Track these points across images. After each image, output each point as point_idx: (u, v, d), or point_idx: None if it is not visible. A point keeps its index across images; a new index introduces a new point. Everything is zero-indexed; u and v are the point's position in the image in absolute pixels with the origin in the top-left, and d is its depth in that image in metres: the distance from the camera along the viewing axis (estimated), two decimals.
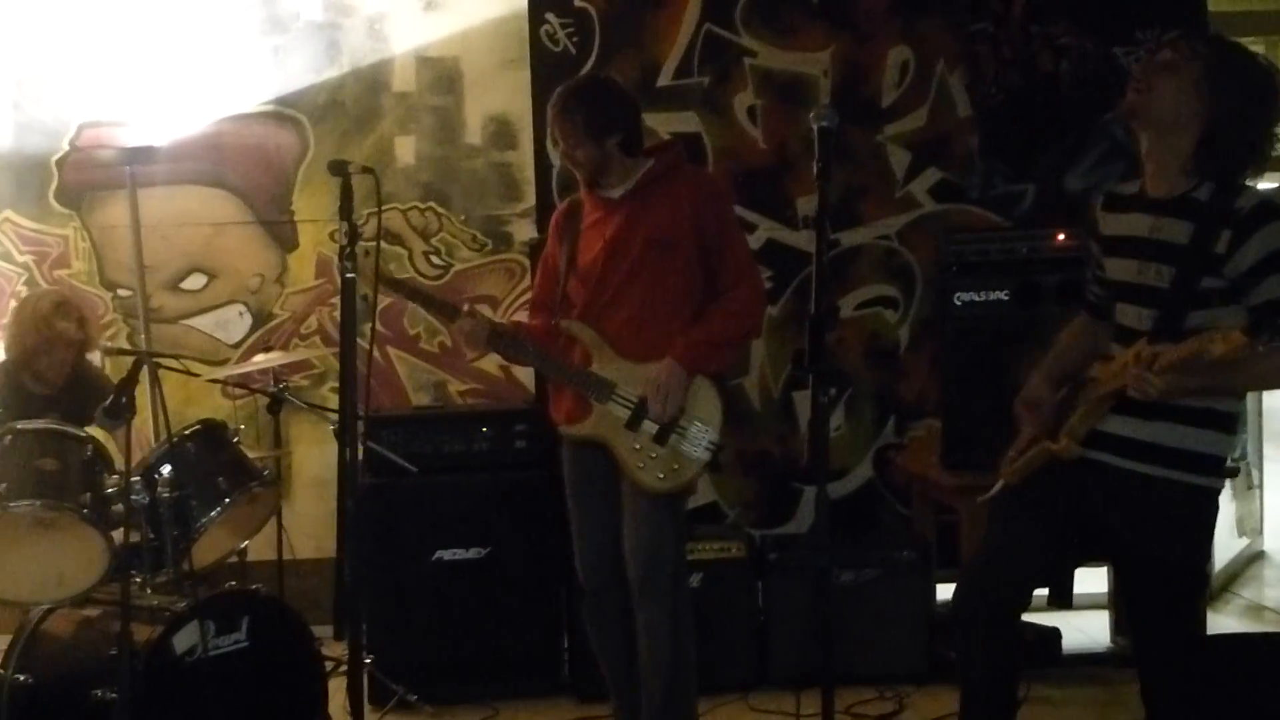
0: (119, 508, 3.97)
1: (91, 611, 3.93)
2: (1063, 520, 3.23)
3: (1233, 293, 2.99)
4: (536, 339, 4.01)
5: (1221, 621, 5.61)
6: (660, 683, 3.92)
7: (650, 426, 3.82)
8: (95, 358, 5.15)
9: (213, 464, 4.24)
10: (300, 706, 3.96)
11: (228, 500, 4.19)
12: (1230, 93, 3.02)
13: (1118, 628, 5.30)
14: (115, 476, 3.90)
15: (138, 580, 3.97)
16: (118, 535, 3.87)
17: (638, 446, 3.83)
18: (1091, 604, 5.40)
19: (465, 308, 3.96)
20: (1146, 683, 3.31)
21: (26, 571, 3.86)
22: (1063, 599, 4.42)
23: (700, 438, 3.83)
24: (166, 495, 3.97)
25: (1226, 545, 6.19)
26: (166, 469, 4.03)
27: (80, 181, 5.91)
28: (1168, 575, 3.17)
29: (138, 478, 3.94)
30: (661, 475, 3.82)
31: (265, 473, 4.44)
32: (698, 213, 3.88)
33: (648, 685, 3.95)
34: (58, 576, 3.85)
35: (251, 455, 4.47)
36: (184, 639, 3.71)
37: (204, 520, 4.14)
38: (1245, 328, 2.81)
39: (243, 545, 4.60)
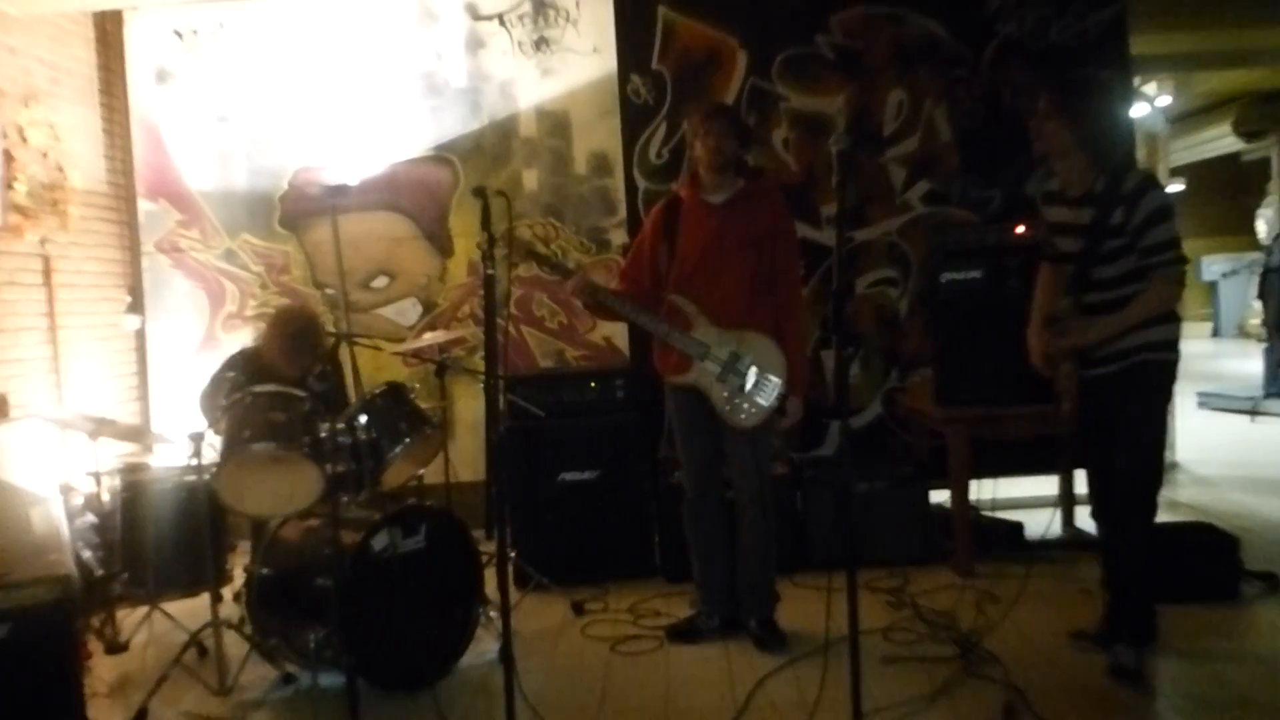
0: (330, 447, 3.98)
1: (313, 521, 3.96)
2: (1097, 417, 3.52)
3: (1127, 247, 3.33)
4: (635, 299, 4.00)
5: None
6: (757, 561, 4.05)
7: (734, 380, 3.86)
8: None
9: (396, 414, 4.22)
10: (465, 589, 3.97)
11: (408, 440, 4.17)
12: (1087, 118, 3.39)
13: (1065, 520, 5.23)
14: (326, 424, 3.91)
15: (344, 499, 3.99)
16: (329, 467, 3.89)
17: (726, 394, 3.87)
18: (1046, 504, 5.36)
19: (576, 270, 4.11)
20: (1107, 543, 3.62)
21: (266, 493, 3.87)
22: None
23: (772, 390, 3.86)
24: (363, 438, 3.99)
25: None
26: (363, 418, 4.04)
27: (295, 211, 5.97)
28: (1136, 430, 3.43)
29: (342, 425, 3.96)
30: (744, 416, 3.88)
31: (435, 419, 4.44)
32: (775, 228, 3.94)
33: (747, 563, 4.05)
34: (289, 496, 3.86)
35: (424, 406, 4.45)
36: (379, 541, 3.73)
37: (390, 455, 4.12)
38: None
39: (419, 472, 4.60)
